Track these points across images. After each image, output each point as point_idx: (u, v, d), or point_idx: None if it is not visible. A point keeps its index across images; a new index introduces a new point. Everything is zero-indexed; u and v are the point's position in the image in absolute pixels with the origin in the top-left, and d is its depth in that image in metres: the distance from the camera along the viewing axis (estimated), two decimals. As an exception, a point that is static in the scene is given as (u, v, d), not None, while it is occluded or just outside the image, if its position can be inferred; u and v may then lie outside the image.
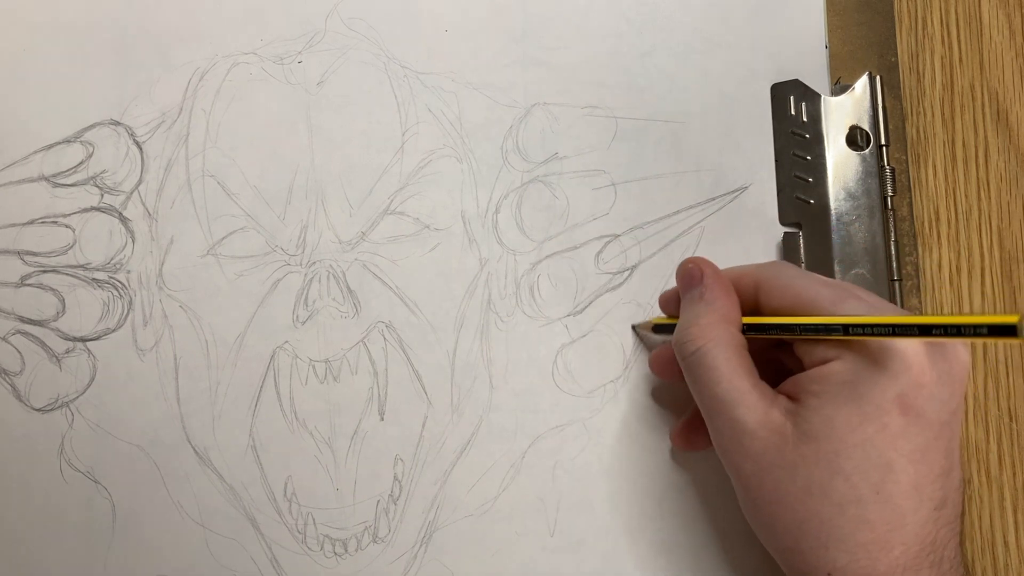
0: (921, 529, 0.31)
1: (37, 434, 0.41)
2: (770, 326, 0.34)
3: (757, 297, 0.36)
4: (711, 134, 0.43)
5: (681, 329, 0.35)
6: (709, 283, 0.36)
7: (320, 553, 0.40)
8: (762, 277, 0.36)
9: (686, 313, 0.36)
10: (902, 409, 0.31)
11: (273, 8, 0.44)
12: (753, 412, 0.33)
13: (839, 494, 0.31)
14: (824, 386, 0.32)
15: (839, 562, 0.31)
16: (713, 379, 0.33)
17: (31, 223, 0.42)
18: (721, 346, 0.34)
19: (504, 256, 0.42)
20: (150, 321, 0.41)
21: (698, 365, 0.34)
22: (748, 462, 0.33)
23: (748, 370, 0.34)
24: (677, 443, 0.40)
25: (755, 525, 0.34)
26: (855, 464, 0.31)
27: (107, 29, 0.44)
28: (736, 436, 0.33)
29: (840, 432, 0.31)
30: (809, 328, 0.33)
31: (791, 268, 0.36)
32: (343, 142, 0.43)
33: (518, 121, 0.43)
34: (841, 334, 0.32)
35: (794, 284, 0.34)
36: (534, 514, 0.40)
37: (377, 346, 0.41)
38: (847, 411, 0.31)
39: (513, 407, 0.41)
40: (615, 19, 0.44)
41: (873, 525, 0.31)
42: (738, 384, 0.33)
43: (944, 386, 0.32)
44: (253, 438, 0.41)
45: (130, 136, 0.43)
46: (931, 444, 0.32)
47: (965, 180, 0.44)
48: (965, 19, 0.45)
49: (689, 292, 0.36)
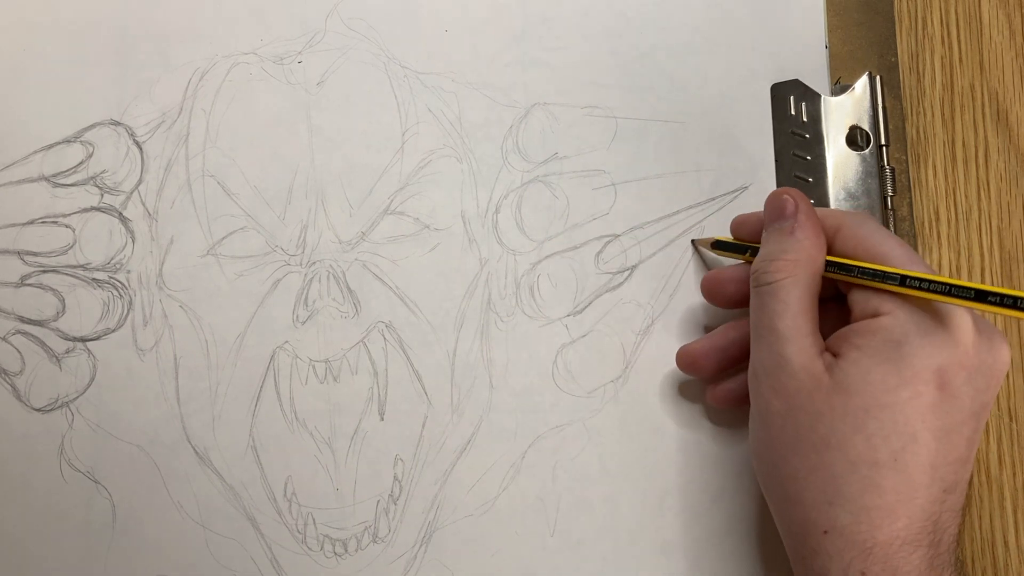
0: (928, 507, 0.31)
1: (37, 434, 0.40)
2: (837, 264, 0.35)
3: (834, 241, 0.36)
4: (711, 134, 0.43)
5: (765, 259, 0.35)
6: (803, 220, 0.35)
7: (320, 553, 0.40)
8: (844, 223, 0.36)
9: (772, 244, 0.36)
10: (939, 383, 0.31)
11: (273, 8, 0.44)
12: (801, 354, 0.33)
13: (856, 452, 0.31)
14: (869, 339, 0.32)
15: (840, 520, 0.31)
16: (780, 312, 0.34)
17: (31, 223, 0.42)
18: (800, 285, 0.34)
19: (504, 256, 0.42)
20: (150, 321, 0.41)
21: (771, 295, 0.34)
22: (778, 399, 0.33)
23: (813, 316, 0.34)
24: (682, 361, 0.40)
25: (762, 469, 0.34)
26: (880, 425, 0.31)
27: (107, 29, 0.44)
28: (776, 370, 0.33)
29: (873, 389, 0.31)
30: (868, 273, 0.33)
31: (874, 222, 0.36)
32: (343, 142, 0.43)
33: (518, 121, 0.43)
34: (897, 284, 0.32)
35: (872, 236, 0.35)
36: (534, 514, 0.40)
37: (377, 346, 0.41)
38: (885, 369, 0.31)
39: (513, 407, 0.41)
40: (615, 19, 0.44)
41: (883, 491, 0.31)
42: (801, 325, 0.33)
43: (982, 376, 0.32)
44: (253, 438, 0.41)
45: (130, 136, 0.43)
46: (957, 428, 0.32)
47: (965, 180, 0.44)
48: (965, 19, 0.45)
49: (779, 223, 0.36)
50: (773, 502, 0.34)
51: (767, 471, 0.34)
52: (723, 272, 0.39)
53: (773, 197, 0.37)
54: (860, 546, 0.31)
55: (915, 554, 0.31)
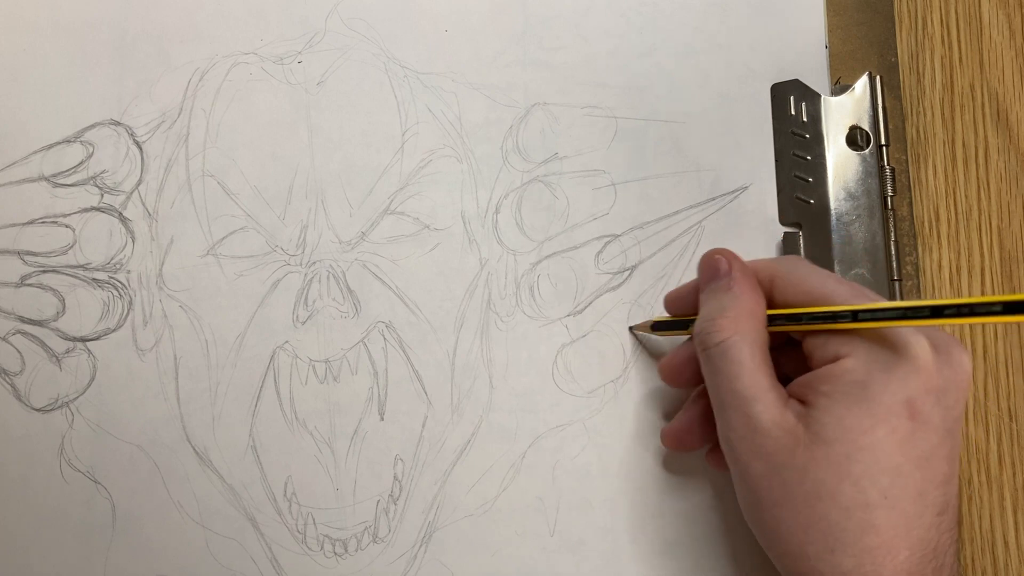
0: (925, 534, 0.31)
1: (37, 434, 0.40)
2: (784, 316, 0.34)
3: (772, 292, 0.35)
4: (711, 134, 0.43)
5: (706, 320, 0.35)
6: (738, 276, 0.35)
7: (320, 553, 0.40)
8: (777, 272, 0.35)
9: (710, 304, 0.35)
10: (910, 414, 0.31)
11: (273, 8, 0.44)
12: (769, 411, 0.32)
13: (847, 498, 0.31)
14: (835, 385, 0.32)
15: (844, 566, 0.31)
16: (735, 373, 0.33)
17: (31, 223, 0.42)
18: (747, 340, 0.33)
19: (504, 256, 0.42)
20: (150, 321, 0.41)
21: (721, 357, 0.34)
22: (758, 461, 0.33)
23: (769, 368, 0.33)
24: (668, 442, 0.39)
25: (757, 528, 0.34)
26: (864, 468, 0.31)
27: (107, 29, 0.44)
28: (749, 433, 0.33)
29: (851, 434, 0.31)
30: (818, 317, 0.33)
31: (806, 264, 0.36)
32: (343, 142, 0.43)
33: (518, 121, 0.43)
34: (850, 320, 0.31)
35: (809, 279, 0.34)
36: (534, 514, 0.40)
37: (377, 346, 0.41)
38: (858, 412, 0.31)
39: (513, 407, 0.41)
40: (615, 19, 0.44)
41: (879, 530, 0.31)
42: (759, 380, 0.33)
43: (949, 393, 0.32)
44: (253, 438, 0.41)
45: (130, 136, 0.43)
46: (935, 451, 0.32)
47: (965, 180, 0.44)
48: (965, 19, 0.45)
49: (714, 283, 0.36)
50: (775, 557, 0.34)
51: (763, 531, 0.34)
52: (676, 356, 0.38)
53: (706, 258, 0.37)
54: None
55: None
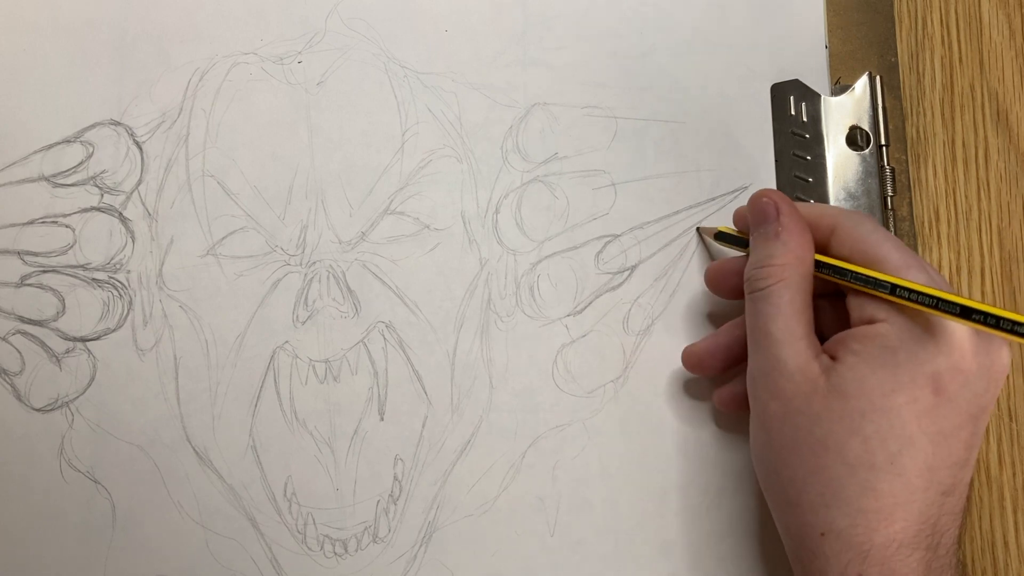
0: (926, 509, 0.31)
1: (37, 434, 0.40)
2: (831, 267, 0.35)
3: (830, 240, 0.36)
4: (711, 134, 0.43)
5: (754, 266, 0.35)
6: (786, 222, 0.35)
7: (320, 553, 0.40)
8: (840, 224, 0.35)
9: (759, 250, 0.36)
10: (935, 388, 0.31)
11: (273, 8, 0.44)
12: (796, 356, 0.33)
13: (854, 455, 0.31)
14: (865, 346, 0.32)
15: (837, 524, 0.31)
16: (772, 315, 0.34)
17: (31, 223, 0.42)
18: (791, 289, 0.34)
19: (504, 256, 0.42)
20: (150, 321, 0.41)
21: (764, 300, 0.34)
22: (775, 402, 0.33)
23: (807, 318, 0.34)
24: (687, 361, 0.40)
25: (762, 468, 0.35)
26: (876, 428, 0.31)
27: (107, 29, 0.44)
28: (773, 374, 0.33)
29: (870, 394, 0.31)
30: (861, 278, 0.33)
31: (871, 222, 0.35)
32: (343, 142, 0.43)
33: (518, 121, 0.43)
34: (887, 292, 0.32)
35: (869, 238, 0.34)
36: (534, 514, 0.40)
37: (377, 346, 0.41)
38: (881, 374, 0.32)
39: (513, 407, 0.41)
40: (615, 19, 0.44)
41: (880, 494, 0.31)
42: (794, 328, 0.33)
43: (980, 379, 0.32)
44: (253, 438, 0.41)
45: (130, 136, 0.43)
46: (954, 431, 0.32)
47: (965, 180, 0.44)
48: (965, 19, 0.45)
49: (763, 227, 0.36)
50: (773, 504, 0.34)
51: (767, 474, 0.34)
52: (726, 264, 0.39)
53: (754, 200, 0.37)
54: (857, 548, 0.31)
55: (912, 556, 0.31)
